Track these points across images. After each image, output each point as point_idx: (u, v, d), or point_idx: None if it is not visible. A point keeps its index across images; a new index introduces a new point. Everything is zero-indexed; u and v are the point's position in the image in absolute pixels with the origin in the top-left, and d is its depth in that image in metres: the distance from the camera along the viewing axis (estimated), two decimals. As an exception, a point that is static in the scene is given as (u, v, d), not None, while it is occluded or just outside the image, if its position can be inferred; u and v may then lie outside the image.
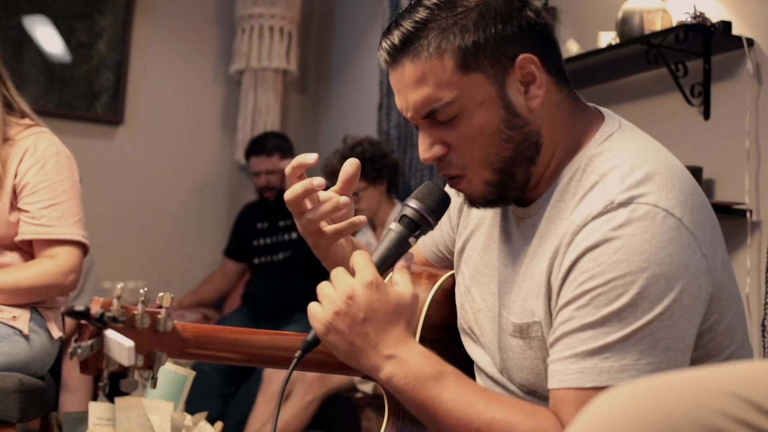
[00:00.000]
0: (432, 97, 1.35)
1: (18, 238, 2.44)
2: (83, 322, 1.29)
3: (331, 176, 4.05)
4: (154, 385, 1.41)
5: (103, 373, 1.31)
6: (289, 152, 4.74)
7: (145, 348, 1.35)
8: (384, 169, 4.01)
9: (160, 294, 1.39)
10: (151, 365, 1.38)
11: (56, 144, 2.52)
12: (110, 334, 1.29)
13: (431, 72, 1.34)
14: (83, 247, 2.50)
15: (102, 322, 1.28)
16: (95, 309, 1.29)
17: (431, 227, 1.43)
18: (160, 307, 1.39)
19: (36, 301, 2.43)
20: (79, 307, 1.27)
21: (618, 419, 0.83)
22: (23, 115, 2.54)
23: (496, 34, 1.34)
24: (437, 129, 1.38)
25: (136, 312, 1.35)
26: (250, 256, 4.79)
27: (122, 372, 1.33)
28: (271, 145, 4.74)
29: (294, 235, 4.59)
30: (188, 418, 2.21)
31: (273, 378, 3.83)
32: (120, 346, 1.27)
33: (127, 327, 1.33)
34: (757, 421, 0.80)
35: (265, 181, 4.70)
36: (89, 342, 1.28)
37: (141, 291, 1.37)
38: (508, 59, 1.35)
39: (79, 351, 1.27)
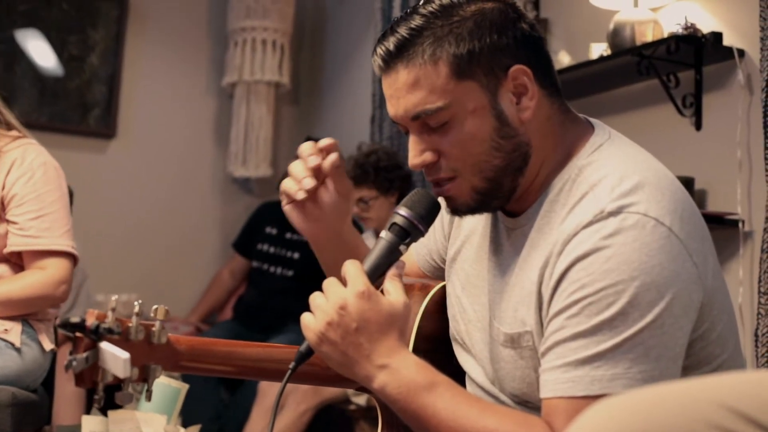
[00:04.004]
0: (424, 101, 1.36)
1: (7, 250, 2.43)
2: (78, 334, 1.29)
3: None
4: (149, 398, 1.40)
5: (98, 385, 1.31)
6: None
7: (140, 361, 1.35)
8: (397, 180, 3.98)
9: (155, 306, 1.38)
10: (146, 378, 1.37)
11: (43, 155, 2.51)
12: (105, 346, 1.28)
13: (425, 78, 1.35)
14: (73, 258, 2.50)
15: (97, 334, 1.28)
16: (90, 321, 1.28)
17: (422, 234, 1.44)
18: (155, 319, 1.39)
19: (27, 312, 2.42)
20: (75, 319, 1.27)
21: (609, 430, 0.83)
22: (10, 127, 2.54)
23: (490, 44, 1.35)
24: (428, 135, 1.39)
25: (130, 324, 1.34)
26: (252, 258, 4.80)
27: (117, 385, 1.33)
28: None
29: (296, 255, 4.59)
30: (182, 431, 2.20)
31: (268, 391, 3.82)
32: (115, 358, 1.26)
33: (122, 339, 1.32)
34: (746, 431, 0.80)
35: None
36: (84, 354, 1.28)
37: (135, 304, 1.37)
38: (501, 69, 1.36)
39: (74, 363, 1.27)
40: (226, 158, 5.21)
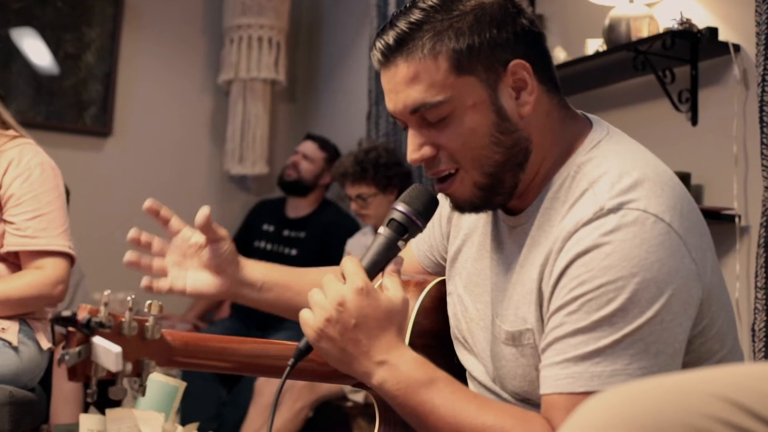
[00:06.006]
0: (423, 96, 1.35)
1: (3, 250, 2.43)
2: (71, 328, 1.29)
3: (342, 177, 4.03)
4: (143, 393, 1.40)
5: (91, 380, 1.31)
6: (334, 158, 4.65)
7: (133, 355, 1.34)
8: (396, 177, 3.97)
9: (148, 302, 1.38)
10: (139, 373, 1.37)
11: (40, 155, 2.51)
12: (98, 340, 1.28)
13: (424, 72, 1.35)
14: (70, 258, 2.50)
15: (89, 328, 1.28)
16: (82, 315, 1.28)
17: (420, 230, 1.44)
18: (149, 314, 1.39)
19: (24, 312, 2.42)
20: (66, 313, 1.26)
21: (607, 422, 0.83)
22: (7, 127, 2.54)
23: (490, 39, 1.35)
24: (427, 130, 1.39)
25: (123, 319, 1.34)
26: (249, 256, 4.77)
27: (111, 380, 1.33)
28: (323, 141, 4.73)
29: (294, 252, 4.58)
30: (180, 429, 2.20)
31: (265, 389, 3.81)
32: (107, 352, 1.26)
33: (115, 334, 1.32)
34: (745, 423, 0.80)
35: (298, 160, 4.68)
36: (77, 349, 1.28)
37: (128, 299, 1.37)
38: (501, 64, 1.36)
39: (66, 358, 1.26)
40: (223, 156, 5.21)
